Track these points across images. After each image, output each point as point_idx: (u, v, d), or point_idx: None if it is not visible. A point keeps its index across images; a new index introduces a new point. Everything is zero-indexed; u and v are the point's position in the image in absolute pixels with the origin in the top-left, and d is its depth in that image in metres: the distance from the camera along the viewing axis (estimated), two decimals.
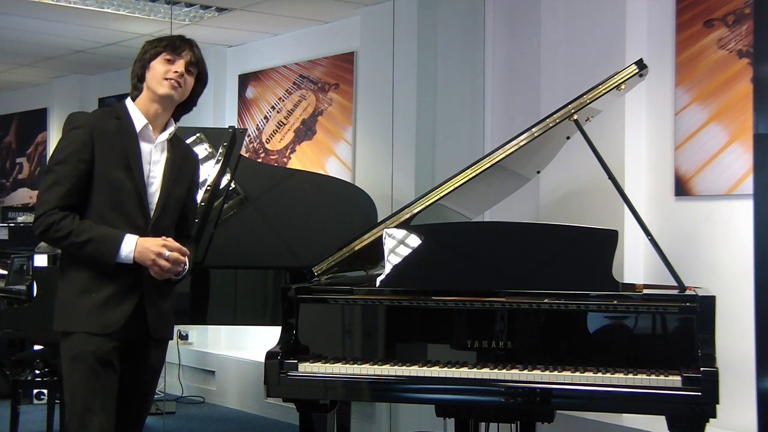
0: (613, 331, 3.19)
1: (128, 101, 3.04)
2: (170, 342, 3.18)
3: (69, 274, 2.97)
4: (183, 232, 3.16)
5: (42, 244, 5.56)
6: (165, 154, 3.04)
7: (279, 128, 6.82)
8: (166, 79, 2.96)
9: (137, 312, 2.94)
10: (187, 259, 3.00)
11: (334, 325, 3.36)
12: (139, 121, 2.99)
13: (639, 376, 3.02)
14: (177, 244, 2.95)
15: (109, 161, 2.92)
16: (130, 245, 2.88)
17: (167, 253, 2.91)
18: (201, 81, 3.11)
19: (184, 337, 7.20)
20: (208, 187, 4.59)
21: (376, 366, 3.19)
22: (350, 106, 6.24)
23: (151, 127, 3.00)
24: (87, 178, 2.91)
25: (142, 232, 2.93)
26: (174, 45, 3.01)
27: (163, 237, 2.94)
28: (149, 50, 3.01)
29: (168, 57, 2.98)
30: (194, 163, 3.22)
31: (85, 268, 2.92)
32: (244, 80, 7.15)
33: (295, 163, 6.63)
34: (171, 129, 3.06)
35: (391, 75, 5.60)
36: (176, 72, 2.97)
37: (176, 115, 3.11)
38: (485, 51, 5.58)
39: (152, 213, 2.97)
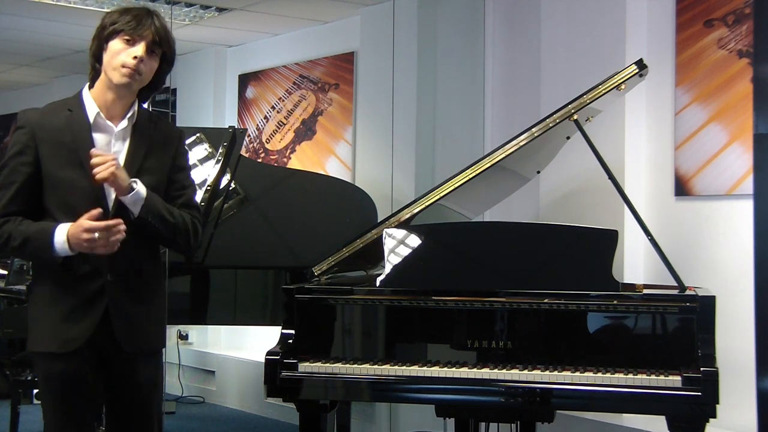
0: (613, 331, 3.19)
1: (85, 89, 2.77)
2: (170, 342, 3.07)
3: (34, 287, 2.77)
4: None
5: None
6: (128, 143, 2.74)
7: (279, 128, 6.82)
8: (123, 66, 2.66)
9: (105, 324, 2.68)
10: (141, 186, 2.66)
11: (334, 325, 3.35)
12: (91, 110, 2.72)
13: (639, 376, 3.02)
14: (100, 224, 2.58)
15: (57, 160, 2.67)
16: (62, 235, 2.60)
17: (95, 235, 2.56)
18: (167, 60, 2.77)
19: (184, 337, 7.19)
20: (208, 187, 4.60)
21: (376, 366, 3.19)
22: (350, 106, 6.24)
23: (104, 116, 2.72)
24: (35, 181, 2.68)
25: None
26: (135, 23, 2.68)
27: (89, 214, 2.59)
28: (107, 26, 2.71)
29: (127, 37, 2.67)
30: (176, 145, 2.86)
31: (47, 280, 2.71)
32: (244, 80, 7.15)
33: (295, 163, 6.63)
34: (130, 113, 2.74)
35: (391, 75, 5.60)
36: (135, 57, 2.66)
37: (142, 97, 2.80)
38: (485, 51, 5.58)
39: (111, 210, 2.68)
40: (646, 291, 3.29)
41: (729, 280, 4.16)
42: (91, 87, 2.77)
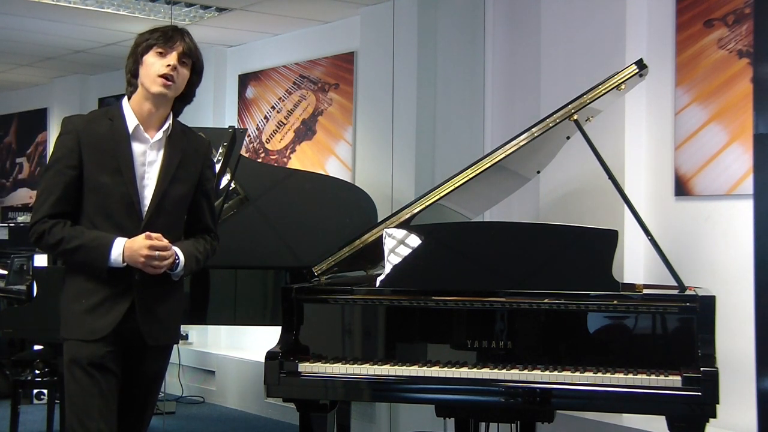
0: (613, 331, 3.19)
1: (124, 101, 2.97)
2: None
3: (67, 280, 2.95)
4: (195, 231, 3.07)
5: None
6: (162, 153, 2.95)
7: (279, 128, 6.82)
8: (159, 76, 2.88)
9: (130, 318, 2.88)
10: (182, 255, 2.91)
11: (334, 325, 3.36)
12: (131, 121, 2.92)
13: (639, 376, 3.02)
14: (163, 242, 2.85)
15: (98, 166, 2.86)
16: (119, 249, 2.82)
17: (156, 253, 2.83)
18: (196, 71, 3.03)
19: (184, 337, 7.20)
20: None
21: (376, 366, 3.20)
22: (350, 106, 6.24)
23: (142, 128, 2.93)
24: (77, 184, 2.87)
25: (132, 236, 2.85)
26: (166, 36, 2.91)
27: (147, 234, 2.83)
28: (141, 43, 2.92)
29: (160, 50, 2.90)
30: (204, 156, 3.10)
31: (80, 274, 2.90)
32: (244, 80, 7.15)
33: (295, 163, 6.63)
34: (166, 126, 2.96)
35: (391, 75, 5.60)
36: (169, 66, 2.89)
37: (176, 109, 3.03)
38: (485, 51, 5.58)
39: (144, 215, 2.90)
40: (646, 291, 3.29)
41: (729, 280, 4.15)
42: (129, 99, 2.97)
